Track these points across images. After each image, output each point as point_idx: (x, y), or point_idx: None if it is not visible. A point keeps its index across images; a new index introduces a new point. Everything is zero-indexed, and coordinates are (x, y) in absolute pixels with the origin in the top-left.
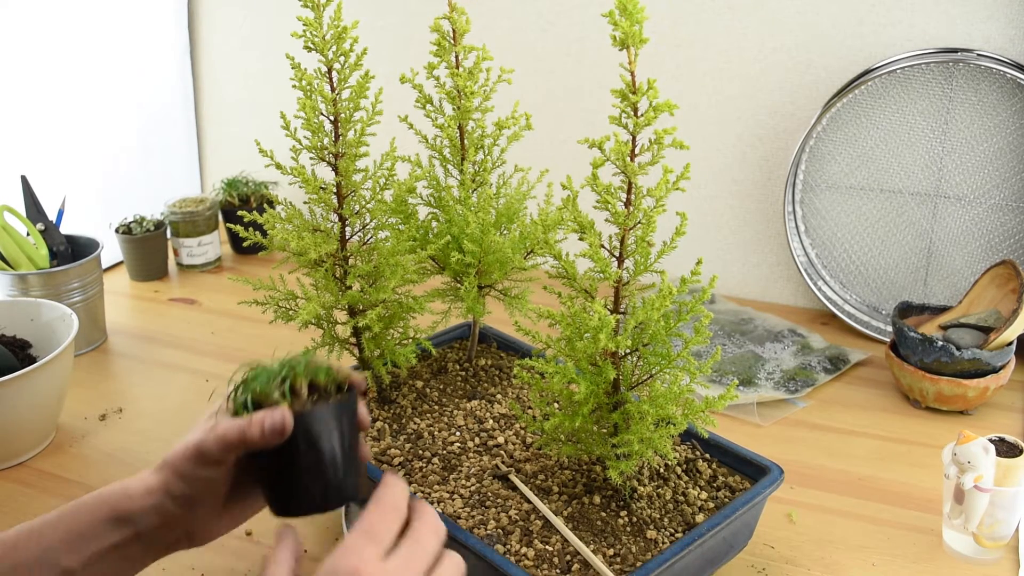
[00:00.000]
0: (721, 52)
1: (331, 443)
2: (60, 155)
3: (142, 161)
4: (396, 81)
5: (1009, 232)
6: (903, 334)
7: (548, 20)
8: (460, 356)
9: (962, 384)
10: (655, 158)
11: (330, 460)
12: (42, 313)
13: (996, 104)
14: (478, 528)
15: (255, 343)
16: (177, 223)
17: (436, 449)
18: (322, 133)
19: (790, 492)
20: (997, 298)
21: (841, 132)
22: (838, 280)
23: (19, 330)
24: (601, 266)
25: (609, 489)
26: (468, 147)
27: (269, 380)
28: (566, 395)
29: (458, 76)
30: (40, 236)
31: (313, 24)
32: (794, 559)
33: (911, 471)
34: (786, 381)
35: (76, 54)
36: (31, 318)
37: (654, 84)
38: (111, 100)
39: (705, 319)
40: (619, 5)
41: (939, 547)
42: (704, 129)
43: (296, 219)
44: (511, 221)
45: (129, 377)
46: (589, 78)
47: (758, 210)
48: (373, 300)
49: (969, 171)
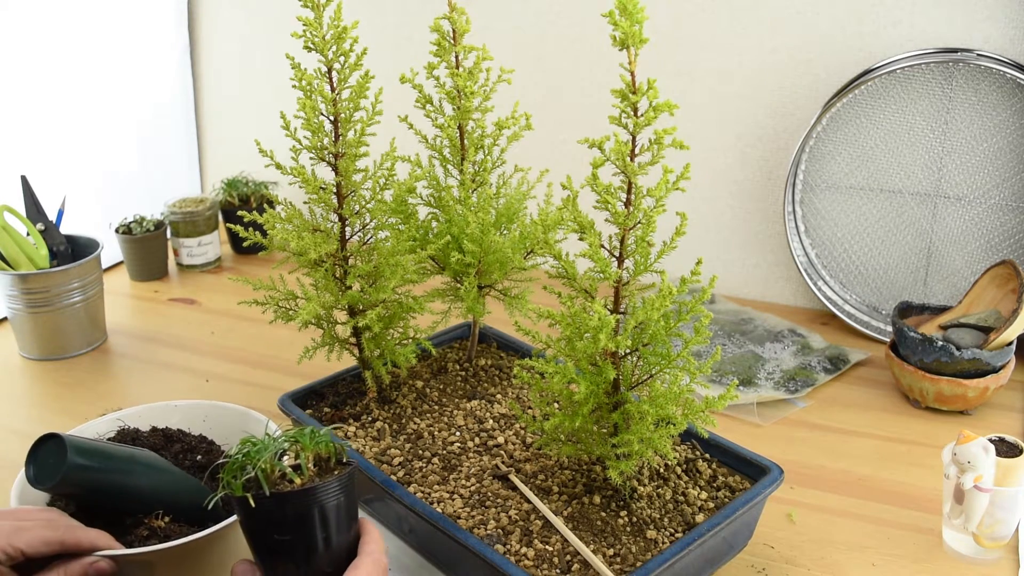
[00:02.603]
0: (721, 52)
1: (339, 515)
2: (60, 155)
3: (142, 161)
4: (396, 81)
5: (1009, 232)
6: (903, 334)
7: (548, 20)
8: (460, 356)
9: (962, 384)
10: (655, 158)
11: (336, 531)
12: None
13: (996, 104)
14: (478, 528)
15: (255, 343)
16: (177, 223)
17: (436, 449)
18: (322, 133)
19: (790, 492)
20: (997, 298)
21: (841, 132)
22: (838, 280)
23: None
24: (601, 266)
25: (609, 489)
26: (468, 147)
27: (272, 454)
28: (566, 395)
29: (458, 76)
30: (40, 236)
31: (313, 24)
32: (794, 559)
33: (911, 471)
34: (786, 381)
35: (76, 54)
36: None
37: (654, 84)
38: (111, 100)
39: (705, 319)
40: (619, 5)
41: (939, 547)
42: (704, 129)
43: (296, 219)
44: (511, 221)
45: (129, 377)
46: (589, 78)
47: (758, 210)
48: (373, 300)
49: (969, 171)
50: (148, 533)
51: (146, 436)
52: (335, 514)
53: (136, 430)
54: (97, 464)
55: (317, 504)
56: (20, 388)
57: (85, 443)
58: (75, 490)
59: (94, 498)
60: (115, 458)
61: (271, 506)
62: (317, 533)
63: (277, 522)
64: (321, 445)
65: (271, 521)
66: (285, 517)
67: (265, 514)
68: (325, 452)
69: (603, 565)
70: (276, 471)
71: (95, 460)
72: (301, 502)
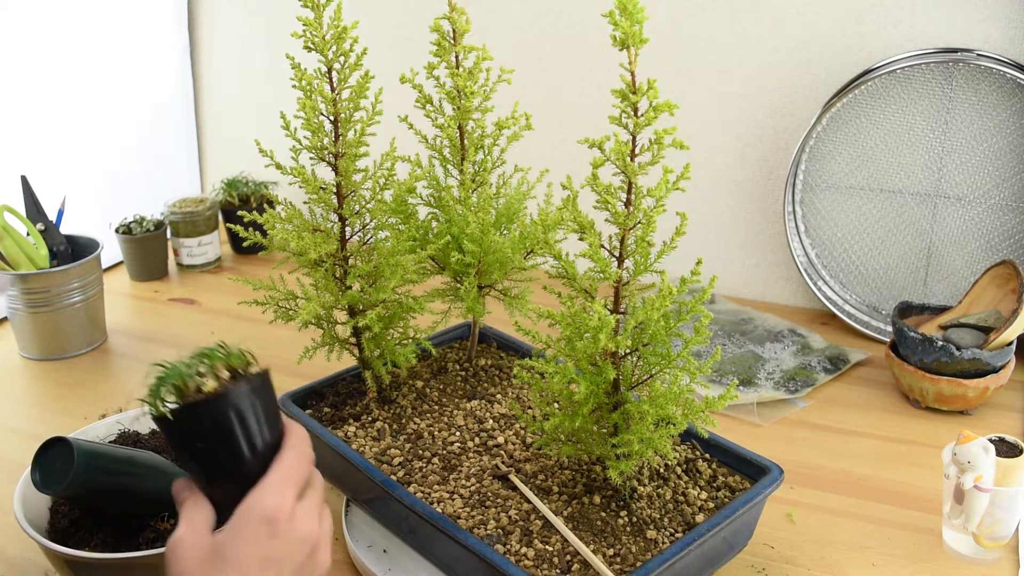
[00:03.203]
0: (721, 52)
1: (257, 417)
2: (60, 155)
3: (142, 161)
4: (396, 81)
5: (1009, 232)
6: (903, 334)
7: (548, 20)
8: (460, 356)
9: (962, 384)
10: (655, 158)
11: (259, 435)
12: None
13: (996, 104)
14: (478, 528)
15: (255, 343)
16: (177, 223)
17: (436, 449)
18: (322, 133)
19: (790, 492)
20: (997, 298)
21: (841, 132)
22: (838, 280)
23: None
24: (601, 266)
25: (609, 489)
26: (468, 147)
27: (185, 372)
28: (566, 395)
29: (458, 76)
30: (40, 236)
31: (313, 24)
32: (794, 559)
33: (911, 471)
34: (786, 381)
35: (76, 54)
36: None
37: (654, 84)
38: (111, 100)
39: (705, 319)
40: (619, 5)
41: (939, 547)
42: (704, 129)
43: (296, 219)
44: (511, 221)
45: (129, 377)
46: (589, 78)
47: (758, 210)
48: (373, 300)
49: (969, 171)
50: (154, 536)
51: (147, 439)
52: (252, 417)
53: (136, 433)
54: (104, 468)
55: (231, 407)
56: (20, 388)
57: (92, 447)
58: (82, 494)
59: (100, 501)
60: (121, 461)
61: (187, 416)
62: (237, 438)
63: (195, 432)
64: (232, 357)
65: (190, 432)
66: (202, 426)
67: (183, 426)
68: (237, 363)
69: (603, 565)
70: (191, 386)
71: (102, 464)
72: (214, 407)
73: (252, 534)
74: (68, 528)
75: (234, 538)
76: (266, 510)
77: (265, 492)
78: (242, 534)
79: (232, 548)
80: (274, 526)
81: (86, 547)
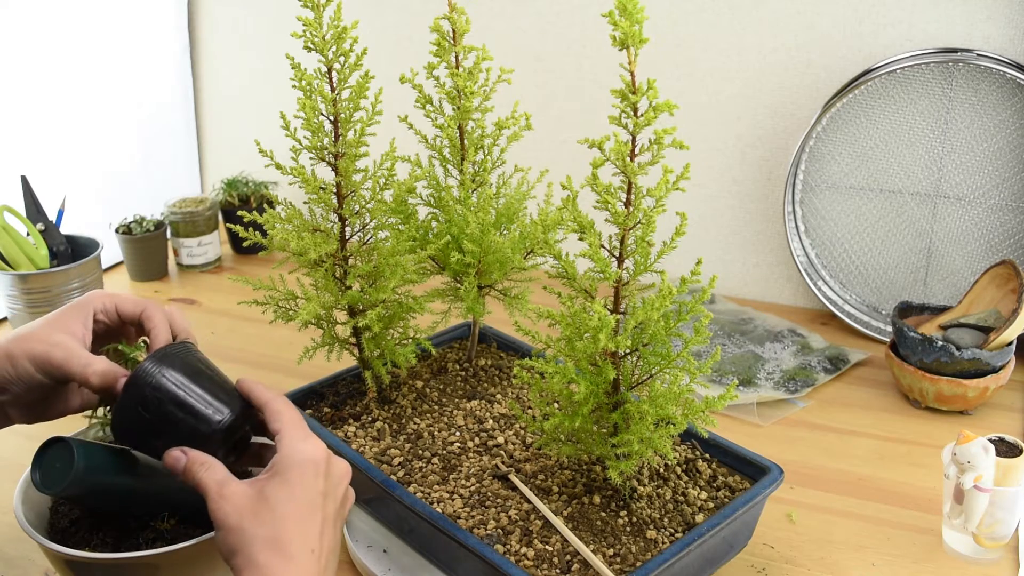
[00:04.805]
0: (721, 52)
1: (187, 386)
2: (60, 155)
3: (142, 161)
4: (396, 81)
5: (1009, 232)
6: (903, 334)
7: (548, 20)
8: (460, 356)
9: (962, 384)
10: (655, 158)
11: (200, 402)
12: None
13: (996, 104)
14: (478, 528)
15: (255, 343)
16: (177, 223)
17: (436, 449)
18: (322, 133)
19: (790, 492)
20: (997, 298)
21: (841, 132)
22: (838, 280)
23: None
24: (601, 266)
25: (609, 489)
26: (468, 147)
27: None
28: (566, 395)
29: (458, 76)
30: (40, 236)
31: (313, 24)
32: (794, 559)
33: (911, 471)
34: (786, 381)
35: (76, 54)
36: None
37: (654, 84)
38: (111, 100)
39: (705, 319)
40: (619, 5)
41: (939, 547)
42: (704, 129)
43: (296, 219)
44: (511, 221)
45: None
46: (589, 78)
47: (758, 210)
48: (373, 300)
49: (969, 171)
50: (154, 536)
51: None
52: (175, 378)
53: None
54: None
55: (147, 375)
56: None
57: (92, 447)
58: (82, 494)
59: (100, 502)
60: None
61: (121, 408)
62: (178, 396)
63: (138, 416)
64: (136, 348)
65: (137, 418)
66: (137, 404)
67: (125, 418)
68: (140, 352)
69: (603, 565)
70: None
71: (102, 463)
72: (137, 382)
73: (299, 477)
74: (68, 528)
75: (286, 483)
76: (307, 452)
77: (295, 440)
78: (291, 479)
79: (283, 491)
80: (319, 466)
81: (86, 547)
